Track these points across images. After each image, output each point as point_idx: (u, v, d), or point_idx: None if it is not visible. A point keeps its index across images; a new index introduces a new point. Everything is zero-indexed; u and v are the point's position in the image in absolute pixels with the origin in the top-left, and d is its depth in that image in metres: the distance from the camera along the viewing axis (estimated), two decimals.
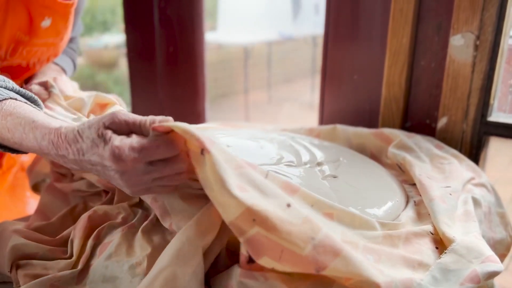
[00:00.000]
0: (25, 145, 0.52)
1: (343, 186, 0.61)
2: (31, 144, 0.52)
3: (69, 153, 0.48)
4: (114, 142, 0.45)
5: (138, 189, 0.48)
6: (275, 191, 0.47)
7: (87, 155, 0.47)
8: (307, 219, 0.45)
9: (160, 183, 0.48)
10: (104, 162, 0.46)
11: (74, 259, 0.56)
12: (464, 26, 0.76)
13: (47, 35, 0.76)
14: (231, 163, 0.46)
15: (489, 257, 0.50)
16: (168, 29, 1.20)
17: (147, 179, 0.47)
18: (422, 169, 0.67)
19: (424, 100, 0.85)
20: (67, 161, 0.50)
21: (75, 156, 0.48)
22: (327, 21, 0.95)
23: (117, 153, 0.44)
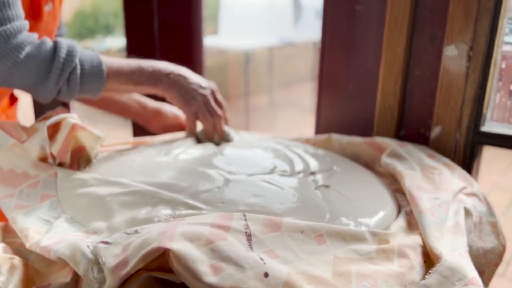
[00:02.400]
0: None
1: (335, 196, 0.62)
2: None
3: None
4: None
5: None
6: (251, 260, 0.46)
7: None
8: (287, 284, 0.45)
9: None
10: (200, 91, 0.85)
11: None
12: (457, 37, 0.77)
13: (48, 19, 0.83)
14: (200, 241, 0.46)
15: (471, 279, 0.50)
16: (167, 35, 1.21)
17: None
18: (412, 179, 0.68)
19: (418, 109, 0.86)
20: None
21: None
22: (324, 30, 0.96)
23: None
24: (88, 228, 0.57)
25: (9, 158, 0.67)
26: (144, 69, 0.82)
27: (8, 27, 0.69)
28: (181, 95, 0.83)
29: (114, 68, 0.79)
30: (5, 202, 0.61)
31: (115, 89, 0.81)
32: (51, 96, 0.75)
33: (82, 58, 0.76)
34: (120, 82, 0.79)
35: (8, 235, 0.60)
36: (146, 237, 0.46)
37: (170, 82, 0.83)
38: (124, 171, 0.68)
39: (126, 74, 0.80)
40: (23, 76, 0.71)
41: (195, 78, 0.86)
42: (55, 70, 0.72)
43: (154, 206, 0.59)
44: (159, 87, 0.82)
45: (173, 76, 0.84)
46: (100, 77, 0.77)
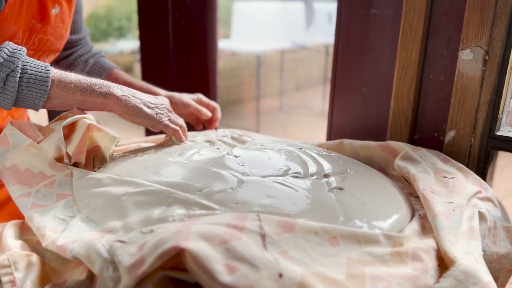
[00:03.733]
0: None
1: (349, 198, 0.62)
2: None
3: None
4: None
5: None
6: (265, 260, 0.46)
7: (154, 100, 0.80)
8: (301, 285, 0.45)
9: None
10: (160, 102, 0.81)
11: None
12: (473, 41, 0.77)
13: (56, 22, 0.82)
14: (215, 241, 0.47)
15: (486, 284, 0.50)
16: (181, 38, 1.22)
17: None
18: (426, 183, 0.68)
19: (433, 113, 0.86)
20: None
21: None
22: (337, 33, 0.96)
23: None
24: (103, 227, 0.58)
25: (26, 158, 0.68)
26: (92, 79, 0.74)
27: None
28: (143, 108, 0.77)
29: (60, 76, 0.71)
30: (22, 200, 0.62)
31: (60, 98, 0.71)
32: None
33: (27, 63, 0.69)
34: (66, 89, 0.71)
35: (25, 233, 0.61)
36: (162, 236, 0.47)
37: (124, 94, 0.75)
38: (139, 171, 0.69)
39: (74, 81, 0.72)
40: None
41: (143, 93, 0.81)
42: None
43: (169, 206, 0.59)
44: (111, 99, 0.74)
45: (126, 89, 0.77)
46: (43, 83, 0.69)
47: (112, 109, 0.74)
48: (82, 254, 0.50)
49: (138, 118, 0.76)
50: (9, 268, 0.51)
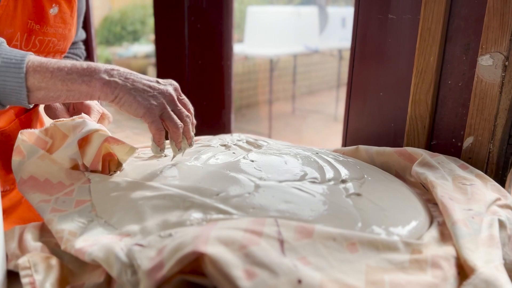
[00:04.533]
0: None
1: (367, 204, 0.61)
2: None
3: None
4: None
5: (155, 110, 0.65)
6: (284, 266, 0.46)
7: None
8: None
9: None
10: (160, 89, 0.66)
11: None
12: (493, 47, 0.76)
13: (56, 23, 0.79)
14: (234, 245, 0.46)
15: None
16: (197, 42, 1.23)
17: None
18: (444, 190, 0.67)
19: (450, 119, 0.85)
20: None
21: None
22: (354, 37, 0.96)
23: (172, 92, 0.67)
24: (121, 230, 0.58)
25: (43, 168, 0.68)
26: (77, 64, 0.64)
27: None
28: (135, 95, 0.65)
29: (36, 63, 0.63)
30: (42, 205, 0.63)
31: (42, 90, 0.64)
32: None
33: (0, 53, 0.63)
34: (44, 79, 0.63)
35: (44, 234, 0.61)
36: (181, 241, 0.47)
37: (113, 79, 0.64)
38: (156, 175, 0.69)
39: (51, 70, 0.63)
40: None
41: (142, 75, 0.68)
42: None
43: (186, 210, 0.59)
44: (96, 86, 0.63)
45: (117, 72, 0.65)
46: (16, 72, 0.62)
47: (100, 98, 0.65)
48: (101, 257, 0.51)
49: (125, 107, 0.65)
50: (29, 270, 0.52)
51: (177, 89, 0.70)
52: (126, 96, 0.64)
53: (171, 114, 0.67)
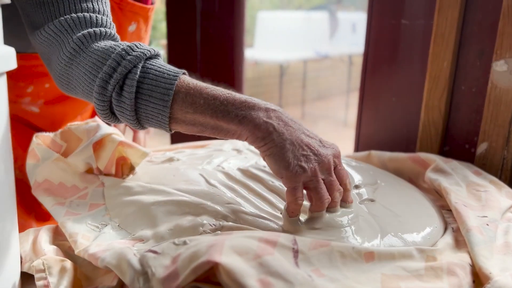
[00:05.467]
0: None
1: (381, 210, 0.61)
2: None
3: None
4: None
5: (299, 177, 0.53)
6: (299, 276, 0.45)
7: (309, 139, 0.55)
8: None
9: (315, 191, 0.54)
10: (319, 151, 0.54)
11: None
12: (507, 52, 0.76)
13: (132, 39, 0.76)
14: (248, 255, 0.46)
15: None
16: (209, 47, 1.23)
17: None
18: (458, 196, 0.67)
19: (464, 125, 0.85)
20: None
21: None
22: (367, 42, 0.95)
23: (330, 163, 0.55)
24: (134, 235, 0.58)
25: (57, 172, 0.68)
26: (235, 95, 0.55)
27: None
28: (287, 149, 0.53)
29: (190, 85, 0.55)
30: (57, 208, 0.63)
31: (186, 121, 0.56)
32: (102, 108, 0.57)
33: (152, 65, 0.56)
34: (193, 106, 0.54)
35: (58, 237, 0.62)
36: (196, 250, 0.47)
37: (270, 121, 0.53)
38: (169, 179, 0.69)
39: (204, 96, 0.54)
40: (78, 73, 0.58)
41: (306, 128, 0.57)
42: (106, 68, 0.55)
43: (198, 216, 0.59)
44: (248, 125, 0.53)
45: (276, 115, 0.55)
46: (163, 90, 0.54)
47: (247, 140, 0.54)
48: (114, 264, 0.51)
49: (269, 160, 0.54)
50: (43, 273, 0.52)
51: (337, 157, 0.57)
52: (276, 148, 0.53)
53: (319, 184, 0.54)
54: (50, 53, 0.60)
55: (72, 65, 0.58)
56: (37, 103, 0.79)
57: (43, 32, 0.59)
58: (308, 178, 0.53)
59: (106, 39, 0.59)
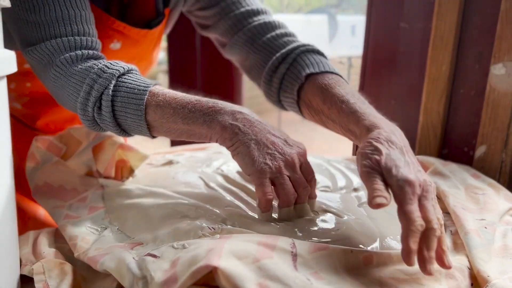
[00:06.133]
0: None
1: (380, 213, 0.61)
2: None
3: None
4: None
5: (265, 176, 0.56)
6: (298, 280, 0.45)
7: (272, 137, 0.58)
8: None
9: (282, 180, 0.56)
10: (283, 150, 0.57)
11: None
12: (505, 56, 0.76)
13: (117, 57, 0.73)
14: (247, 259, 0.46)
15: None
16: (208, 50, 1.24)
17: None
18: (456, 199, 0.67)
19: (463, 128, 0.85)
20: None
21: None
22: (366, 45, 0.96)
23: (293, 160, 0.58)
24: (133, 239, 0.58)
25: (57, 175, 0.68)
26: (202, 102, 0.60)
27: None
28: (253, 148, 0.57)
29: (159, 98, 0.60)
30: (57, 211, 0.63)
31: (163, 127, 0.60)
32: (88, 125, 0.63)
33: (124, 82, 0.61)
34: (164, 116, 0.59)
35: (58, 240, 0.62)
36: (195, 254, 0.47)
37: (235, 123, 0.57)
38: (168, 182, 0.69)
39: (174, 105, 0.59)
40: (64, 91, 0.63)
41: (272, 128, 0.60)
42: (83, 90, 0.61)
43: (197, 219, 0.59)
44: (216, 128, 0.57)
45: (242, 117, 0.58)
46: (135, 107, 0.59)
47: (218, 141, 0.59)
48: (113, 268, 0.51)
49: (236, 158, 0.58)
50: (43, 275, 0.52)
51: (302, 155, 0.60)
52: (243, 147, 0.56)
53: (285, 181, 0.56)
54: (40, 70, 0.65)
55: (57, 85, 0.63)
56: (22, 100, 0.80)
57: (34, 51, 0.63)
58: (274, 174, 0.56)
59: (89, 60, 0.64)
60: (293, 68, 0.71)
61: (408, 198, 0.49)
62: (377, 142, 0.54)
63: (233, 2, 0.78)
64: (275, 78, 0.73)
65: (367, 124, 0.59)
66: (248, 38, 0.77)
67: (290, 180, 0.57)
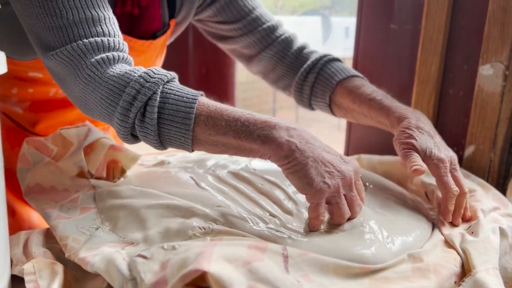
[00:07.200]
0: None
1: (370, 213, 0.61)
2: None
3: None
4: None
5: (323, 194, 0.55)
6: (288, 282, 0.46)
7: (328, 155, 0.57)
8: None
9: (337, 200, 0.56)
10: (340, 167, 0.56)
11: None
12: (493, 56, 0.77)
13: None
14: (237, 262, 0.46)
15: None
16: (201, 51, 1.24)
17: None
18: None
19: (452, 128, 0.86)
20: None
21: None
22: (357, 47, 0.97)
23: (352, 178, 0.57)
24: (124, 239, 0.59)
25: (48, 176, 0.68)
26: (255, 116, 0.57)
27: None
28: (310, 166, 0.54)
29: (210, 108, 0.57)
30: (48, 212, 0.63)
31: (209, 140, 0.57)
32: (124, 133, 0.59)
33: (171, 90, 0.58)
34: (215, 128, 0.56)
35: (49, 240, 0.62)
36: (185, 257, 0.47)
37: (292, 140, 0.55)
38: (160, 182, 0.69)
39: (226, 118, 0.56)
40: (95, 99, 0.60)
41: (325, 145, 0.59)
42: (126, 96, 0.57)
43: (187, 218, 0.59)
44: (271, 145, 0.55)
45: (297, 133, 0.56)
46: (184, 115, 0.56)
47: (270, 158, 0.56)
48: (103, 269, 0.51)
49: (292, 177, 0.56)
50: (33, 276, 0.52)
51: (357, 172, 0.59)
52: (300, 165, 0.54)
53: (341, 200, 0.56)
54: (64, 75, 0.61)
55: (89, 89, 0.59)
56: (23, 105, 0.80)
57: (56, 56, 0.60)
58: (331, 194, 0.55)
59: (121, 63, 0.61)
60: (321, 76, 0.82)
61: (443, 172, 0.63)
62: (410, 130, 0.67)
63: (255, 18, 0.84)
64: (306, 86, 0.83)
65: (396, 115, 0.71)
66: (274, 53, 0.86)
67: (346, 198, 0.56)
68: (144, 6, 0.76)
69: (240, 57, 0.90)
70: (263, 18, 0.85)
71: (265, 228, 0.58)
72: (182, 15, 0.83)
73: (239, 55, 0.90)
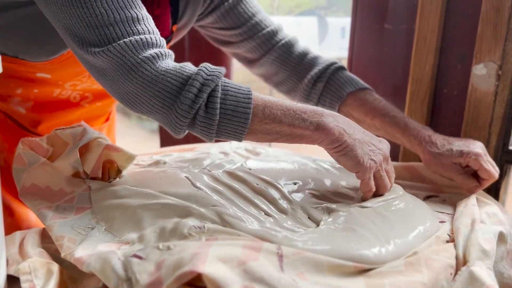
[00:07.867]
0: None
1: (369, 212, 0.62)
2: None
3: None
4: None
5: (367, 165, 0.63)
6: (283, 281, 0.46)
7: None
8: None
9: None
10: (379, 146, 0.64)
11: None
12: (486, 56, 0.78)
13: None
14: (233, 262, 0.47)
15: (489, 286, 0.50)
16: (197, 52, 1.24)
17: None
18: None
19: (446, 127, 0.86)
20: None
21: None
22: (351, 47, 0.97)
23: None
24: (120, 239, 0.59)
25: (44, 176, 0.68)
26: (303, 106, 0.63)
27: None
28: (358, 147, 0.62)
29: (265, 99, 0.62)
30: (43, 212, 0.63)
31: (263, 129, 0.62)
32: (181, 125, 0.62)
33: (227, 83, 0.63)
34: (271, 118, 0.61)
35: (45, 240, 0.62)
36: (180, 257, 0.47)
37: (340, 126, 0.62)
38: (155, 182, 0.70)
39: (281, 108, 0.62)
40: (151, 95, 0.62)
41: (363, 129, 0.66)
42: (190, 88, 0.60)
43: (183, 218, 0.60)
44: (324, 130, 0.61)
45: (342, 119, 0.63)
46: (246, 104, 0.61)
47: (321, 143, 0.62)
48: (98, 269, 0.51)
49: (344, 158, 0.62)
50: (29, 275, 0.52)
51: (389, 148, 0.68)
52: (349, 147, 0.61)
53: (384, 173, 0.65)
54: (112, 71, 0.62)
55: (143, 85, 0.61)
56: (26, 105, 0.81)
57: (104, 54, 0.61)
58: (377, 168, 0.64)
59: (168, 59, 0.64)
60: (330, 86, 0.84)
61: (483, 162, 0.70)
62: (463, 157, 0.71)
63: (256, 24, 0.86)
64: (314, 94, 0.85)
65: (417, 138, 0.75)
66: (276, 57, 0.87)
67: (385, 171, 0.65)
68: (157, 15, 0.77)
69: (243, 60, 0.92)
70: (263, 24, 0.87)
71: (260, 227, 0.58)
72: (183, 21, 0.84)
73: (242, 59, 0.92)
